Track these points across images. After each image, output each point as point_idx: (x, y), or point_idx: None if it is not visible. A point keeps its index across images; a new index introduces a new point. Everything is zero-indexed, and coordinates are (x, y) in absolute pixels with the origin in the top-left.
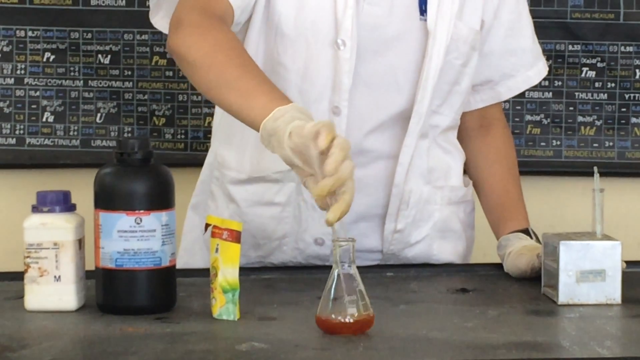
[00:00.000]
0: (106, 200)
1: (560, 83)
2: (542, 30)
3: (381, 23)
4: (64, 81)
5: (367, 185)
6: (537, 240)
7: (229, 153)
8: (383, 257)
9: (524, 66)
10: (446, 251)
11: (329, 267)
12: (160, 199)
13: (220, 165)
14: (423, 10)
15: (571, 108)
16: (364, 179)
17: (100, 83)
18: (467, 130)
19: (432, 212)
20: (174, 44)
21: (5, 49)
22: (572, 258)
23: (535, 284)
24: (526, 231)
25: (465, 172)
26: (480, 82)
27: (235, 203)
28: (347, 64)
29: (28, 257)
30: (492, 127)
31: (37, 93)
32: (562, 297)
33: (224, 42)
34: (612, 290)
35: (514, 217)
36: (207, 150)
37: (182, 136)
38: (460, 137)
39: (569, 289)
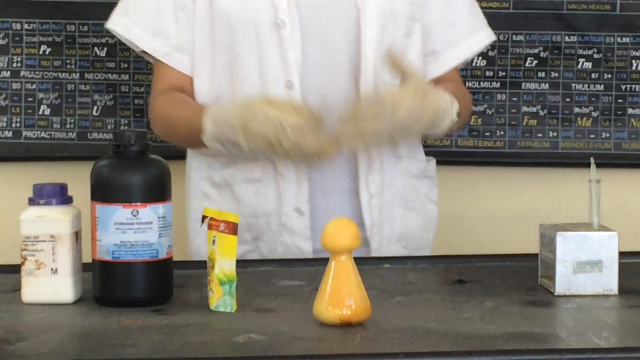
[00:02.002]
0: (103, 192)
1: (556, 74)
2: (539, 21)
3: (317, 3)
4: (60, 74)
5: (341, 159)
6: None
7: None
8: (367, 233)
9: (464, 35)
10: (408, 220)
11: (326, 259)
12: (157, 191)
13: (205, 162)
14: None
15: (568, 99)
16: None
17: (97, 76)
18: None
19: (392, 179)
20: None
21: (1, 41)
22: (569, 249)
23: (532, 275)
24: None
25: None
26: (425, 53)
27: (218, 187)
28: (290, 41)
29: (25, 249)
30: (447, 81)
31: (34, 86)
32: (559, 288)
33: (169, 105)
34: (609, 281)
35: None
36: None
37: None
38: None
39: (566, 279)
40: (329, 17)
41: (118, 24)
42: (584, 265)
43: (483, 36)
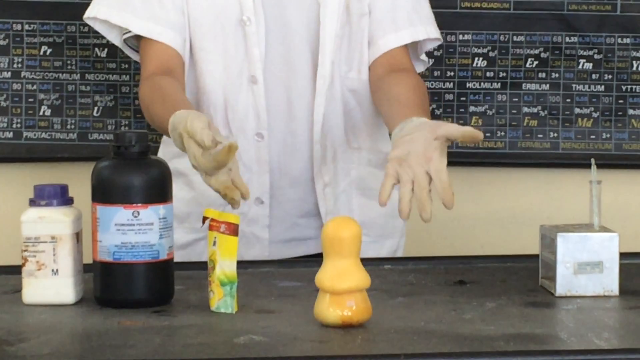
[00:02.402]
0: (104, 193)
1: (557, 75)
2: (539, 22)
3: (281, 0)
4: (60, 75)
5: (296, 149)
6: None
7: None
8: (323, 221)
9: (403, 24)
10: (368, 208)
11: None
12: (158, 192)
13: (163, 149)
14: None
15: (568, 100)
16: (292, 143)
17: (97, 76)
18: (378, 76)
19: (348, 170)
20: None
21: (1, 42)
22: (569, 250)
23: (533, 276)
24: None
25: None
26: (386, 28)
27: (184, 176)
28: (255, 37)
29: (26, 250)
30: (403, 71)
31: (34, 87)
32: (560, 289)
33: (150, 95)
34: (609, 282)
35: (404, 113)
36: None
37: None
38: (373, 87)
39: (567, 280)
40: (292, 13)
41: (111, 13)
42: (585, 266)
43: (431, 30)
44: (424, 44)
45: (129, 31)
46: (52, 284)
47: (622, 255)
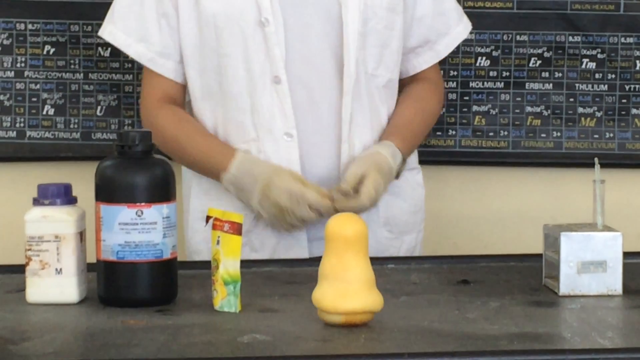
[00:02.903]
0: (107, 192)
1: (560, 74)
2: (542, 21)
3: (301, 0)
4: (64, 74)
5: (323, 148)
6: (401, 164)
7: None
8: None
9: (453, 23)
10: (393, 205)
11: None
12: (161, 191)
13: None
14: None
15: (571, 99)
16: (319, 143)
17: (101, 76)
18: (401, 86)
19: None
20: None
21: (5, 42)
22: (573, 249)
23: (536, 276)
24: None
25: None
26: (419, 43)
27: (218, 182)
28: (275, 38)
29: (29, 249)
30: (423, 80)
31: (38, 86)
32: (564, 288)
33: (177, 125)
34: (613, 281)
35: (392, 133)
36: None
37: None
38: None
39: (570, 280)
40: (312, 13)
41: (105, 30)
42: (589, 266)
43: (466, 23)
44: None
45: None
46: (55, 283)
47: (625, 255)
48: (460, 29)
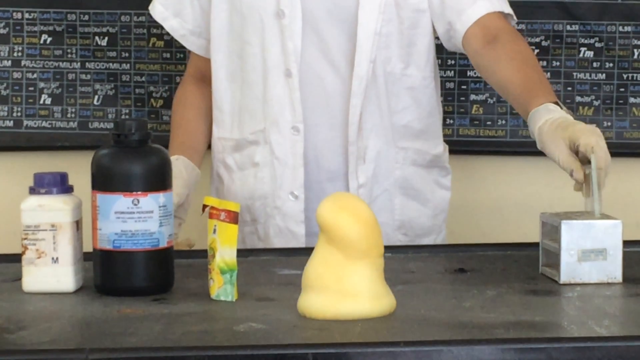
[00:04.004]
0: (103, 181)
1: (558, 63)
2: (540, 10)
3: None
4: (61, 63)
5: (333, 143)
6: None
7: (223, 130)
8: None
9: None
10: (410, 208)
11: None
12: (158, 180)
13: (222, 144)
14: None
15: (569, 88)
16: (328, 139)
17: (98, 65)
18: (476, 51)
19: (392, 169)
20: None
21: (2, 31)
22: (573, 237)
23: (533, 264)
24: (555, 103)
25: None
26: (463, 5)
27: (230, 170)
28: (289, 30)
29: (25, 238)
30: (499, 37)
31: (35, 75)
32: (564, 277)
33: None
34: (613, 269)
35: (540, 94)
36: None
37: None
38: (474, 63)
39: (571, 268)
40: (329, 8)
41: (153, 5)
42: (589, 254)
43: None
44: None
45: None
46: (52, 272)
47: (623, 244)
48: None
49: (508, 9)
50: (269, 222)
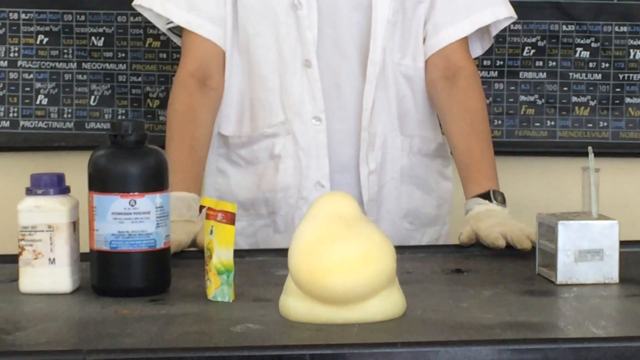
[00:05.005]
0: (100, 182)
1: (554, 63)
2: (536, 10)
3: None
4: (57, 64)
5: (345, 135)
6: (503, 199)
7: (228, 126)
8: (364, 208)
9: (466, 11)
10: (415, 197)
11: None
12: (155, 180)
13: (224, 140)
14: None
15: (565, 88)
16: (342, 129)
17: (94, 65)
18: (433, 81)
19: (398, 157)
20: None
21: None
22: (570, 238)
23: (530, 265)
24: (486, 195)
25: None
26: (427, 28)
27: (237, 165)
28: (307, 21)
29: (22, 239)
30: (457, 77)
31: (31, 76)
32: (561, 277)
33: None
34: (610, 270)
35: (475, 179)
36: None
37: None
38: (428, 90)
39: (568, 268)
40: None
41: (155, 2)
42: (586, 254)
43: (486, 14)
44: (498, 24)
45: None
46: (49, 273)
47: (620, 244)
48: (497, 10)
49: (507, 13)
50: (295, 213)
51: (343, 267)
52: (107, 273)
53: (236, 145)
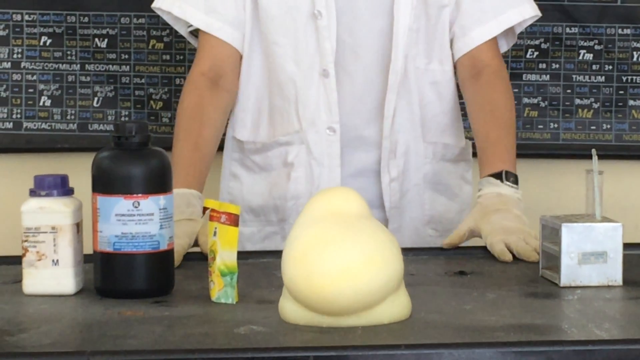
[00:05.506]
0: (104, 184)
1: (557, 66)
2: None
3: None
4: (60, 65)
5: (364, 142)
6: (515, 180)
7: (243, 131)
8: (386, 214)
9: (494, 12)
10: (439, 203)
11: None
12: (158, 182)
13: (239, 145)
14: None
15: (569, 91)
16: (360, 137)
17: (97, 67)
18: (462, 81)
19: (421, 164)
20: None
21: (1, 32)
22: (574, 240)
23: (533, 267)
24: (499, 175)
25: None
26: (454, 31)
27: (250, 171)
28: (327, 31)
29: (26, 241)
30: (481, 74)
31: (34, 77)
32: (565, 279)
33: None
34: (613, 272)
35: (489, 161)
36: None
37: None
38: (460, 91)
39: (571, 271)
40: (364, 7)
41: (174, 5)
42: (589, 257)
43: (513, 14)
44: (523, 22)
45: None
46: (52, 275)
47: (624, 246)
48: (502, 18)
49: (533, 12)
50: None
51: (343, 274)
52: (110, 274)
53: (251, 151)
